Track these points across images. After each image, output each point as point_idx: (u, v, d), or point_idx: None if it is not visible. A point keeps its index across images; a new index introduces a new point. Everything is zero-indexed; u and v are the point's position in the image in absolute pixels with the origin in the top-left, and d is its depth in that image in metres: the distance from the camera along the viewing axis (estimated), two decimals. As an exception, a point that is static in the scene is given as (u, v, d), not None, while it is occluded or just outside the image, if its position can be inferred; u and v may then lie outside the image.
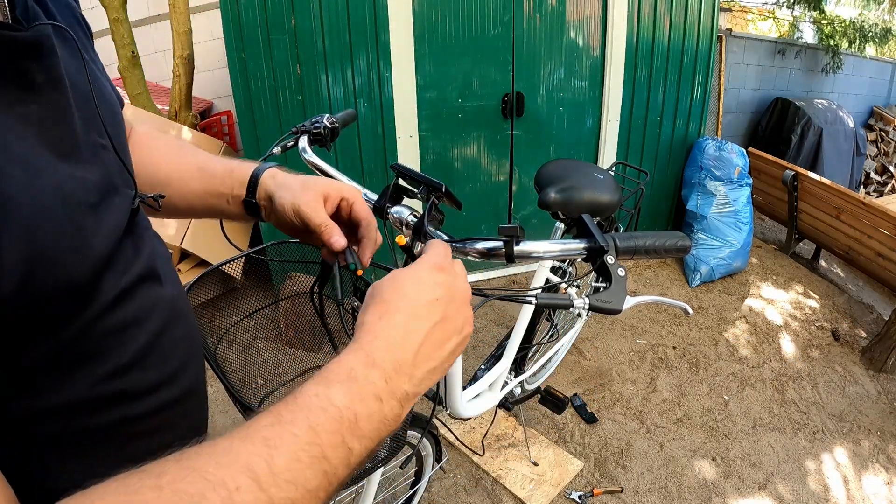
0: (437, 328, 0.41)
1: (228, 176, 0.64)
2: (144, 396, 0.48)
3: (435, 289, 0.43)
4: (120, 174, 0.49)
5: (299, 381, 0.92)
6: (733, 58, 4.55)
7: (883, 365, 2.55)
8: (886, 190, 5.84)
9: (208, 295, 0.84)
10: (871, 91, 6.25)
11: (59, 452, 0.41)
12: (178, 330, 0.53)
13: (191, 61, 2.90)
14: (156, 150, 0.66)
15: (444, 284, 0.43)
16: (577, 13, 2.81)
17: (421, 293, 0.42)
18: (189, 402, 0.55)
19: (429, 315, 0.41)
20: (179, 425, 0.54)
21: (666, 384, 2.38)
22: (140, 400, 0.48)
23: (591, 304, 0.61)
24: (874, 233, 2.93)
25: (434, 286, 0.43)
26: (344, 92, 2.49)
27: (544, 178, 1.46)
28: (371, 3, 2.39)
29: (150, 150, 0.65)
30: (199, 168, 0.65)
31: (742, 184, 3.12)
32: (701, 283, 3.15)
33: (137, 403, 0.47)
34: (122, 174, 0.50)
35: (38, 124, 0.39)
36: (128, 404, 0.46)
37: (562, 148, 3.05)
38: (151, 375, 0.48)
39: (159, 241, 0.57)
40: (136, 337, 0.47)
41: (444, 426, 1.85)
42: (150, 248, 0.52)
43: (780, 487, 1.91)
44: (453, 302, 0.43)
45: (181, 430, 0.54)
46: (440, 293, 0.42)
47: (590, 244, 0.65)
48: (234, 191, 0.63)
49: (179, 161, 0.65)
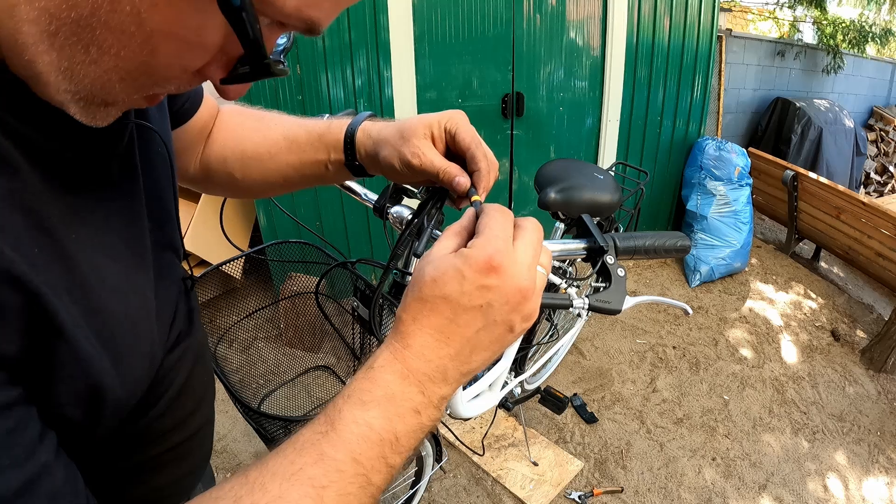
0: (480, 333, 0.37)
1: (319, 141, 0.59)
2: (164, 437, 0.48)
3: (482, 294, 0.35)
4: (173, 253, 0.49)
5: (322, 398, 0.93)
6: (733, 58, 4.54)
7: (883, 365, 2.55)
8: (886, 190, 5.84)
9: (208, 295, 0.84)
10: (871, 91, 6.24)
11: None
12: (201, 369, 0.53)
13: (191, 61, 2.90)
14: (241, 127, 0.62)
15: (493, 289, 0.36)
16: (577, 13, 2.81)
17: (463, 298, 0.35)
18: (204, 431, 0.56)
19: (471, 322, 0.36)
20: (194, 455, 0.54)
21: (666, 384, 2.38)
22: (157, 443, 0.48)
23: (590, 305, 0.61)
24: (874, 233, 2.93)
25: (480, 290, 0.35)
26: (344, 92, 2.49)
27: (544, 178, 1.46)
28: (371, 3, 2.39)
29: (237, 127, 0.62)
30: (286, 138, 0.60)
31: (742, 184, 3.11)
32: (701, 283, 3.14)
33: (154, 446, 0.48)
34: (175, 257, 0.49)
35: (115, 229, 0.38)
36: (150, 446, 0.47)
37: (562, 148, 3.05)
38: (174, 418, 0.49)
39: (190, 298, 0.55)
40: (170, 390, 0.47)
41: (444, 426, 1.85)
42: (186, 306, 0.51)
43: (780, 487, 1.91)
44: (506, 305, 0.36)
45: (195, 460, 0.55)
46: (488, 298, 0.36)
47: (590, 244, 0.65)
48: (332, 156, 0.58)
49: (266, 135, 0.61)
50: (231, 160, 0.61)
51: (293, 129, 0.61)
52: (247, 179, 0.62)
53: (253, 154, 0.61)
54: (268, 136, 0.61)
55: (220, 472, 1.79)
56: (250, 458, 1.86)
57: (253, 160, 0.61)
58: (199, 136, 0.61)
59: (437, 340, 0.36)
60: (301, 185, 0.63)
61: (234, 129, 0.63)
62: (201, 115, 0.59)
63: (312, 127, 0.60)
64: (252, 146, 0.61)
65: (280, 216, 2.57)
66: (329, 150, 0.58)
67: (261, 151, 0.60)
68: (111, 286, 0.36)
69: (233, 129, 0.63)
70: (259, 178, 0.61)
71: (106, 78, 0.29)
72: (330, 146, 0.58)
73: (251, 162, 0.61)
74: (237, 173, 0.62)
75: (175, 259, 0.50)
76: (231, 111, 0.65)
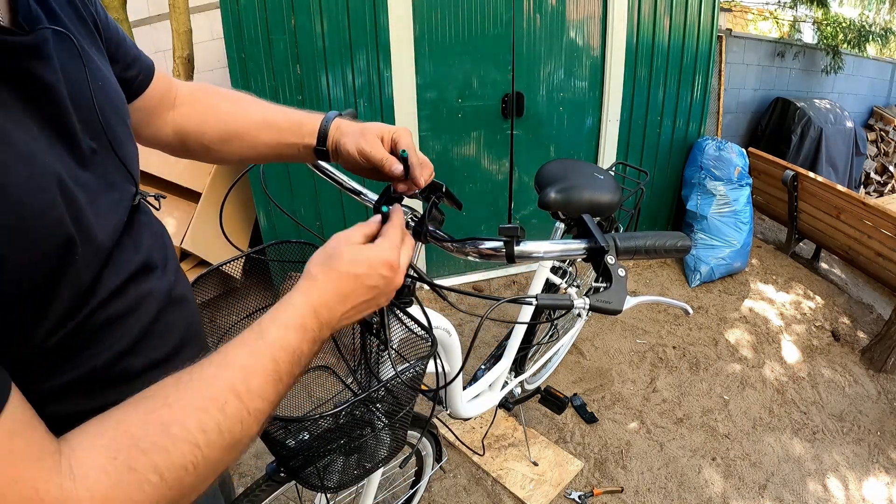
0: (363, 304, 0.54)
1: (298, 128, 0.73)
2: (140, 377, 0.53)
3: (378, 279, 0.53)
4: (118, 172, 0.53)
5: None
6: (733, 58, 4.54)
7: (883, 365, 2.55)
8: (886, 190, 5.84)
9: (208, 295, 0.84)
10: (871, 91, 6.24)
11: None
12: (174, 315, 0.58)
13: (191, 61, 2.90)
14: (219, 107, 0.74)
15: (385, 279, 0.54)
16: (577, 13, 2.81)
17: (366, 279, 0.53)
18: None
19: (363, 295, 0.53)
20: None
21: (666, 384, 2.38)
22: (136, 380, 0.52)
23: (591, 305, 0.61)
24: (874, 233, 2.93)
25: (378, 277, 0.53)
26: (344, 92, 2.49)
27: (544, 178, 1.46)
28: (371, 3, 2.39)
29: (213, 107, 0.74)
30: (265, 121, 0.73)
31: (742, 184, 3.11)
32: (701, 283, 3.14)
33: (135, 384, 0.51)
34: (121, 172, 0.53)
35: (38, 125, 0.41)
36: (126, 385, 0.51)
37: (562, 148, 3.05)
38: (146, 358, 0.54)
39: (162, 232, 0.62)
40: (131, 327, 0.51)
41: (444, 426, 1.85)
42: (148, 241, 0.56)
43: (780, 487, 1.91)
44: (385, 292, 0.55)
45: None
46: (380, 284, 0.54)
47: (590, 244, 0.65)
48: (305, 140, 0.73)
49: (246, 115, 0.74)
50: (210, 135, 0.73)
51: (272, 112, 0.74)
52: (223, 151, 0.74)
53: (234, 132, 0.73)
54: (249, 116, 0.73)
55: (220, 472, 1.79)
56: (250, 457, 1.86)
57: (234, 137, 0.73)
58: (160, 106, 0.70)
59: (339, 301, 0.51)
60: (271, 160, 0.77)
61: (213, 107, 0.74)
62: (156, 88, 0.68)
63: (291, 114, 0.75)
64: (234, 125, 0.73)
65: (280, 216, 2.57)
66: (305, 136, 0.72)
67: (241, 131, 0.73)
68: (19, 152, 0.38)
69: (213, 107, 0.74)
70: (236, 151, 0.74)
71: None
72: (306, 133, 0.72)
73: (232, 138, 0.73)
74: (214, 146, 0.74)
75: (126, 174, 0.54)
76: (204, 89, 0.76)
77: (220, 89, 0.77)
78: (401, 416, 0.77)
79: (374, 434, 0.79)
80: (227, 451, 0.41)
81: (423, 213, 0.73)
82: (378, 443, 0.81)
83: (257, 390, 0.43)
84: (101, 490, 0.34)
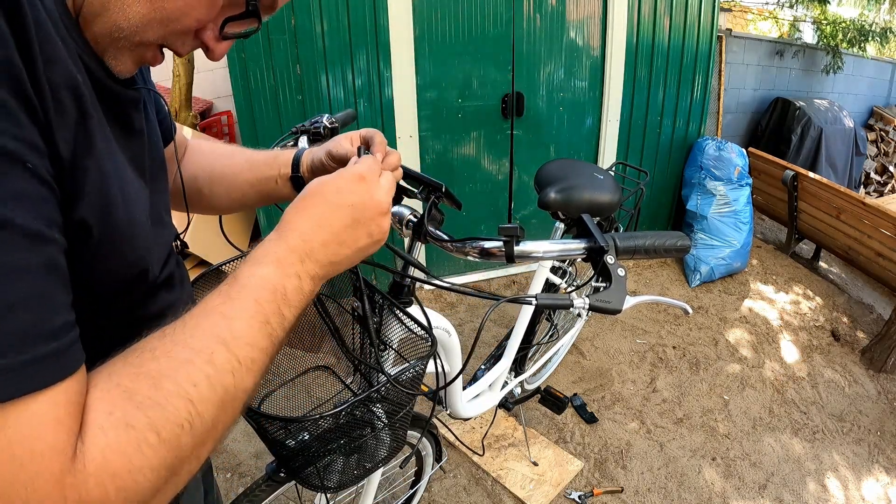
0: (347, 229, 0.49)
1: (273, 161, 0.74)
2: None
3: (351, 195, 0.49)
4: (166, 212, 0.59)
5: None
6: (733, 58, 4.54)
7: (883, 365, 2.55)
8: (886, 190, 5.84)
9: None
10: (871, 91, 6.25)
11: None
12: None
13: (191, 61, 2.90)
14: (212, 153, 0.79)
15: (360, 193, 0.50)
16: (577, 13, 2.81)
17: (337, 197, 0.49)
18: None
19: (340, 217, 0.49)
20: None
21: (666, 384, 2.38)
22: None
23: (591, 304, 0.61)
24: (874, 233, 2.93)
25: (350, 193, 0.50)
26: (344, 92, 2.49)
27: (544, 178, 1.46)
28: (371, 3, 2.39)
29: (209, 153, 0.79)
30: (247, 161, 0.76)
31: (742, 184, 3.12)
32: (701, 282, 3.14)
33: None
34: (168, 212, 0.60)
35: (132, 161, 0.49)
36: None
37: (562, 148, 3.05)
38: None
39: (181, 262, 0.67)
40: None
41: (444, 426, 1.85)
42: (172, 264, 0.61)
43: (780, 487, 1.91)
44: (367, 210, 0.50)
45: None
46: (355, 200, 0.49)
47: (590, 244, 0.65)
48: (282, 171, 0.73)
49: (231, 159, 0.77)
50: (201, 178, 0.76)
51: (253, 154, 0.78)
52: (213, 195, 0.76)
53: (220, 175, 0.76)
54: (233, 160, 0.77)
55: (221, 471, 1.79)
56: (250, 457, 1.86)
57: (220, 179, 0.76)
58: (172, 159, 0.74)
59: (314, 226, 0.48)
60: (255, 202, 0.78)
61: (206, 153, 0.78)
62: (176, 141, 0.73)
63: (268, 151, 0.78)
64: (220, 168, 0.76)
65: (280, 216, 2.57)
66: (280, 167, 0.74)
67: (227, 173, 0.76)
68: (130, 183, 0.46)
69: (206, 153, 0.78)
70: (224, 194, 0.76)
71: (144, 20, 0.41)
72: (282, 164, 0.74)
73: (219, 181, 0.76)
74: (205, 189, 0.76)
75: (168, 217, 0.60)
76: (203, 143, 0.81)
77: (217, 143, 0.85)
78: (401, 417, 0.77)
79: (374, 434, 0.79)
80: (221, 408, 0.38)
81: (422, 212, 0.73)
82: (378, 443, 0.81)
83: (243, 335, 0.40)
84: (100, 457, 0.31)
